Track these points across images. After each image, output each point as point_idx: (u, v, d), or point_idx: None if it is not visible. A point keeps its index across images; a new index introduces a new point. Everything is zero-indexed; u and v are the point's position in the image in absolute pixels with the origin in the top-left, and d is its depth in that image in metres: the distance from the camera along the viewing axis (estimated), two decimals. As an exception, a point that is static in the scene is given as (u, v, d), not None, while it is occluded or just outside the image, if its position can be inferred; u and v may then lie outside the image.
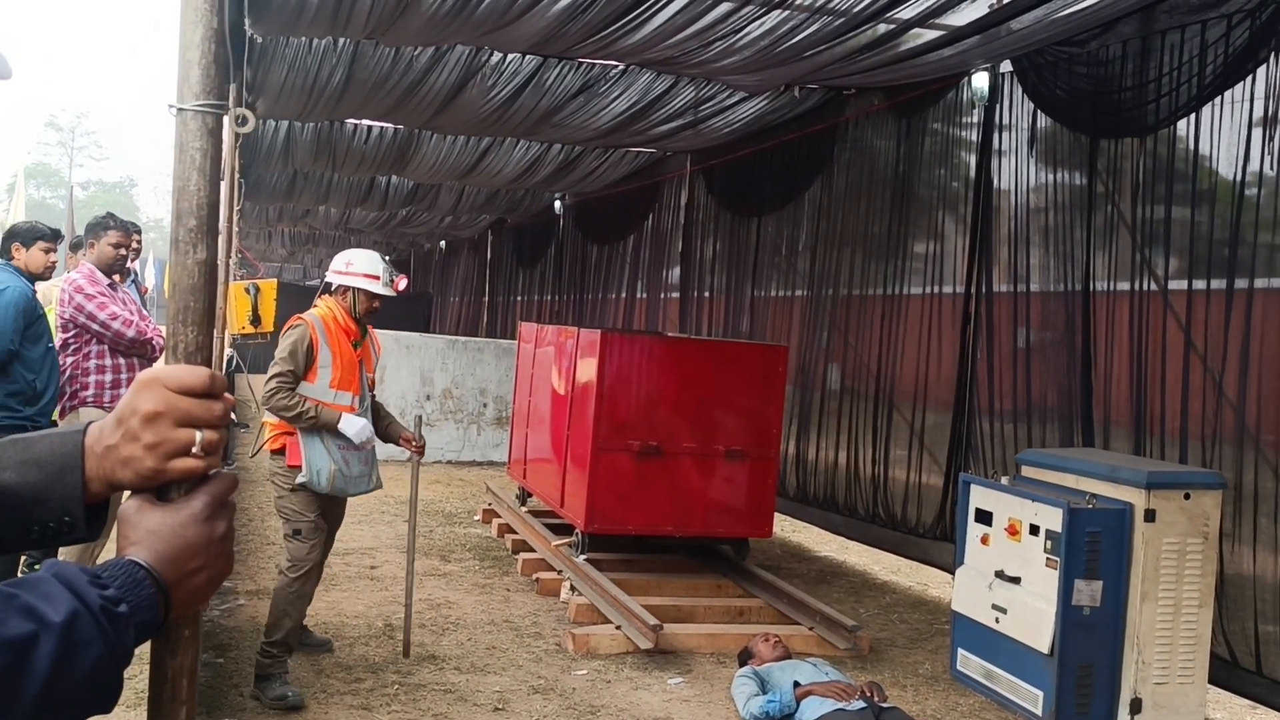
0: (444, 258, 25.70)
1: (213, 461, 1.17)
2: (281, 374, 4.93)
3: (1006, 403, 7.18)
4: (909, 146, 8.23)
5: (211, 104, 1.17)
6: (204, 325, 1.21)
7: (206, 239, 1.20)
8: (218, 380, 1.17)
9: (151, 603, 1.10)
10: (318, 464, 4.96)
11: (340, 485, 5.06)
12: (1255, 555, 5.36)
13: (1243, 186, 5.62)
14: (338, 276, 5.20)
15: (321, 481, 4.96)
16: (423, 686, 5.14)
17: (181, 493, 1.17)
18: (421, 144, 11.86)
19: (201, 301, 1.20)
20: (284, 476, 5.01)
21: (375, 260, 5.20)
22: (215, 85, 1.18)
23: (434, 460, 12.54)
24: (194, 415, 1.15)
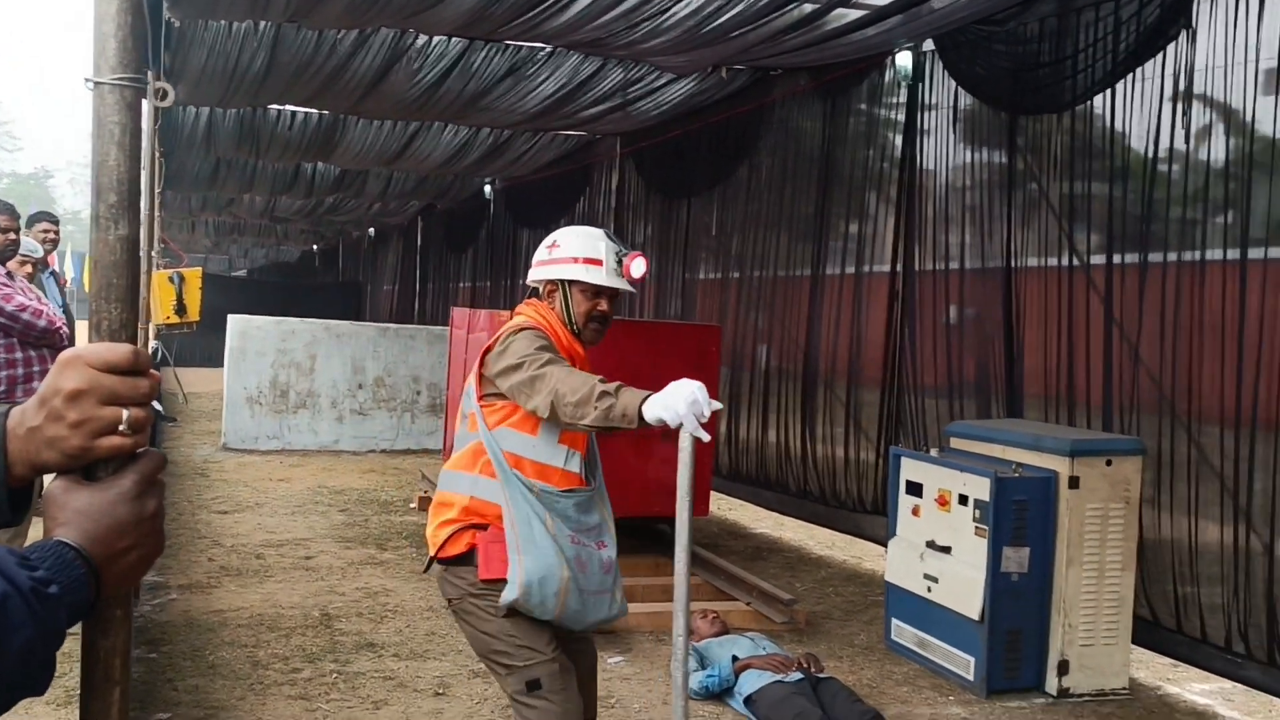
0: (373, 245, 25.42)
1: (140, 439, 1.16)
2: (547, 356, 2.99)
3: (935, 378, 7.31)
4: (835, 127, 8.31)
5: (129, 78, 1.16)
6: (127, 302, 1.20)
7: (128, 214, 1.18)
8: (141, 356, 1.16)
9: (82, 583, 1.09)
10: (539, 569, 2.97)
11: (575, 608, 3.05)
12: (1173, 519, 5.53)
13: (1156, 162, 5.77)
14: (541, 269, 3.32)
15: (547, 600, 2.99)
16: (362, 675, 5.11)
17: (109, 472, 1.16)
18: (347, 129, 11.71)
19: (124, 278, 1.19)
20: (478, 597, 3.06)
21: (595, 239, 3.31)
22: (133, 59, 1.16)
23: (367, 450, 12.43)
24: (119, 393, 1.14)
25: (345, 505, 9.20)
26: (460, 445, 3.16)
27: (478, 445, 3.08)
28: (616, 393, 2.75)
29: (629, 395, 2.75)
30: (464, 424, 3.16)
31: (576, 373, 2.91)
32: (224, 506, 8.89)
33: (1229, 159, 5.54)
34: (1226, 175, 5.51)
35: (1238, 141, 5.52)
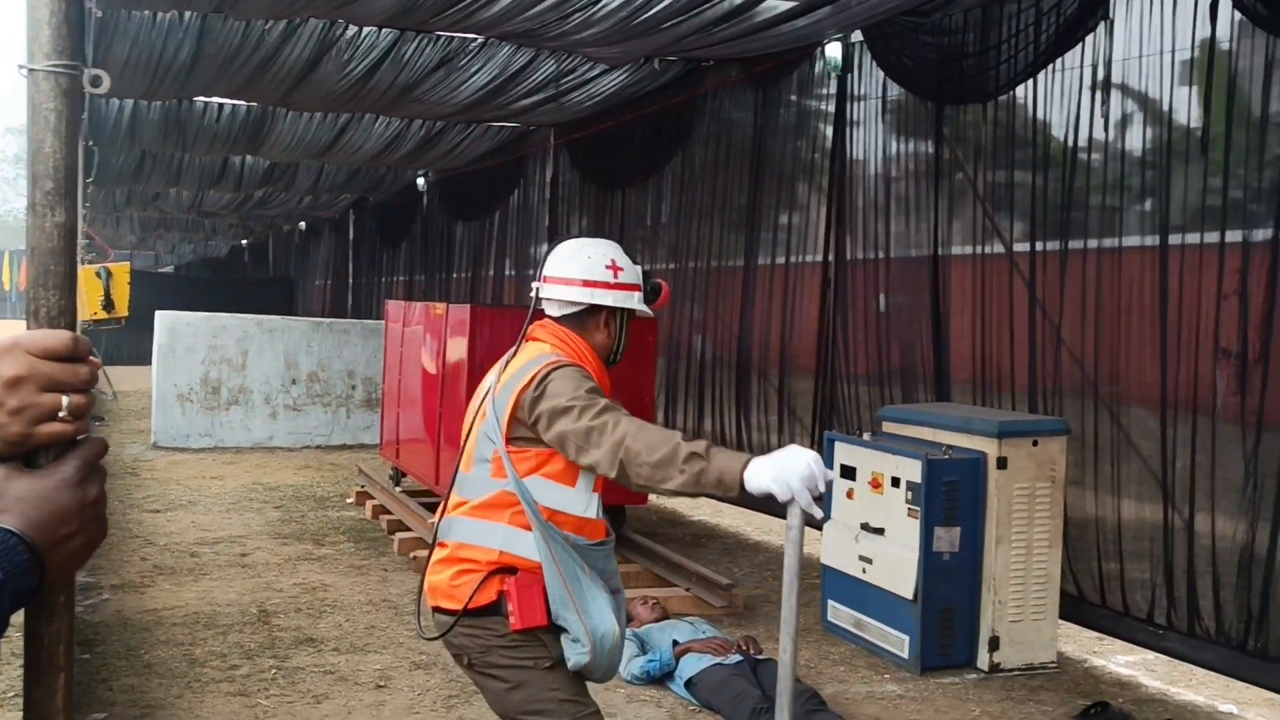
0: (304, 239, 25.09)
1: (81, 426, 1.17)
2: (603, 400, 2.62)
3: (866, 365, 7.43)
4: (766, 117, 8.40)
5: (64, 64, 1.16)
6: (65, 289, 1.20)
7: (65, 201, 1.19)
8: (81, 343, 1.17)
9: (25, 570, 1.09)
10: (600, 627, 2.68)
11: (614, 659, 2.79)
12: (1097, 498, 5.70)
13: (1077, 151, 5.93)
14: (602, 292, 2.85)
15: (608, 659, 2.72)
16: (301, 670, 5.09)
17: (50, 458, 1.16)
18: (276, 122, 11.55)
19: (62, 265, 1.19)
20: (511, 649, 2.69)
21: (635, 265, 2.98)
22: (67, 45, 1.16)
23: (302, 445, 12.30)
24: (59, 379, 1.14)
25: (281, 502, 9.11)
26: (478, 490, 2.73)
27: (506, 495, 2.68)
28: (708, 454, 2.37)
29: (725, 458, 2.37)
30: (481, 466, 2.73)
31: (648, 425, 2.53)
32: (156, 505, 8.75)
33: (1147, 148, 5.71)
34: (1144, 164, 5.67)
35: (1156, 130, 5.69)
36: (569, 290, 2.85)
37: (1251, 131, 5.06)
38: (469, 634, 2.70)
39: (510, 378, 2.73)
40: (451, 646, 2.78)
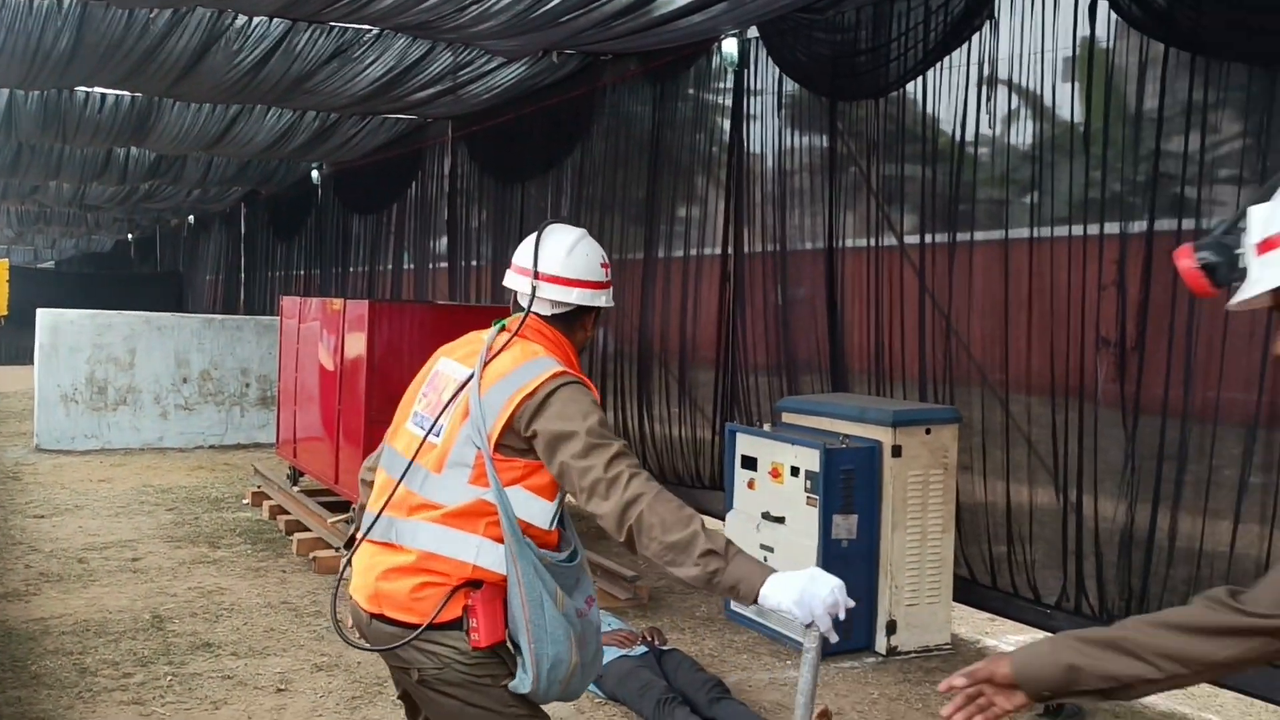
0: (193, 233, 24.42)
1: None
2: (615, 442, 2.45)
3: (765, 356, 7.55)
4: (665, 111, 8.45)
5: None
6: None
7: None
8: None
9: None
10: (550, 655, 2.48)
11: (574, 688, 2.62)
12: (987, 483, 5.89)
13: (964, 145, 6.11)
14: (598, 293, 2.75)
15: (553, 687, 2.52)
16: (198, 675, 4.97)
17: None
18: (163, 113, 11.21)
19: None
20: (472, 665, 2.50)
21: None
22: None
23: (195, 446, 11.98)
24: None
25: (173, 504, 8.86)
26: (452, 496, 2.50)
27: (484, 504, 2.48)
28: (727, 554, 2.27)
29: (744, 566, 2.28)
30: (457, 470, 2.51)
31: (663, 492, 2.37)
32: (40, 510, 8.44)
33: (1030, 143, 5.90)
34: (1029, 158, 5.87)
35: (1038, 126, 5.88)
36: (569, 292, 2.70)
37: (1128, 127, 5.27)
38: (425, 649, 2.48)
39: (501, 378, 2.53)
40: (396, 660, 2.54)
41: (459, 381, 2.61)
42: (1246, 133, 4.85)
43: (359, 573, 2.62)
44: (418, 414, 2.68)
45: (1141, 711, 4.94)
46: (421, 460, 2.57)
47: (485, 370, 2.56)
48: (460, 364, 2.67)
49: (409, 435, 2.67)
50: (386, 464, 2.70)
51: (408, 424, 2.70)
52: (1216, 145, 5.01)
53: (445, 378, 2.68)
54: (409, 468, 2.57)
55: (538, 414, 2.47)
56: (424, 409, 2.67)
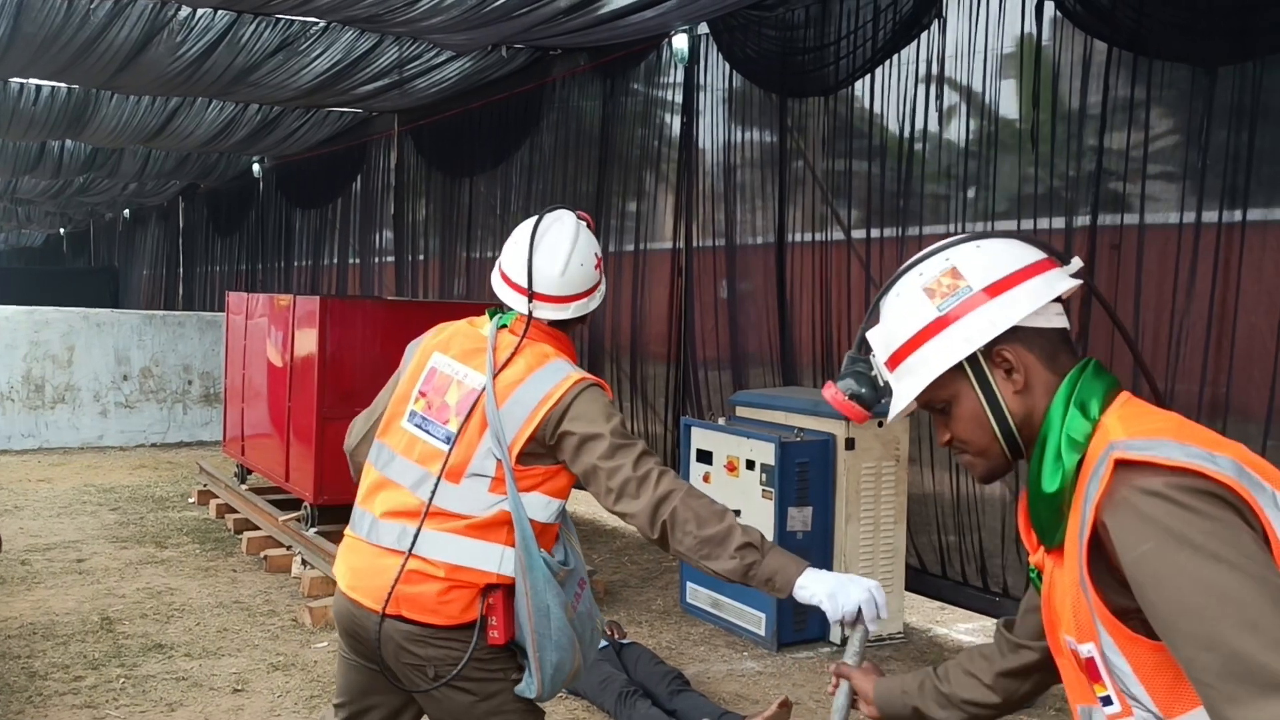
0: (129, 228, 23.92)
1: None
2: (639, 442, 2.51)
3: (716, 350, 7.60)
4: (615, 106, 8.47)
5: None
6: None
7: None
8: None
9: None
10: (555, 660, 2.53)
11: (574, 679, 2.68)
12: (934, 474, 6.00)
13: (912, 141, 6.20)
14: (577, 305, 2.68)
15: (556, 689, 2.59)
16: (152, 677, 4.90)
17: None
18: (100, 105, 10.99)
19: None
20: (487, 661, 2.54)
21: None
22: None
23: (136, 444, 11.78)
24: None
25: (117, 504, 8.71)
26: (474, 506, 2.50)
27: (504, 513, 2.49)
28: (763, 548, 2.31)
29: (780, 558, 2.30)
30: (477, 481, 2.51)
31: (697, 492, 2.41)
32: (-22, 512, 8.26)
33: (973, 138, 6.01)
34: (975, 155, 5.97)
35: (981, 123, 5.99)
36: (565, 309, 2.66)
37: (1070, 123, 5.39)
38: (445, 646, 2.50)
39: (518, 388, 2.52)
40: (414, 659, 2.52)
41: (469, 389, 2.57)
42: (1182, 130, 4.98)
43: (360, 573, 2.58)
44: (416, 414, 2.62)
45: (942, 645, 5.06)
46: (430, 466, 2.54)
47: (497, 380, 2.53)
48: (460, 363, 2.63)
49: (407, 436, 2.62)
50: (380, 463, 2.65)
51: (404, 423, 2.64)
52: (1155, 140, 5.16)
53: (445, 378, 2.63)
54: (423, 477, 2.54)
55: (562, 420, 2.48)
56: (426, 411, 2.61)
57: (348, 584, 2.61)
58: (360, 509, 2.65)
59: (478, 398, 2.54)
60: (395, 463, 2.61)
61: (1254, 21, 4.68)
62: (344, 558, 2.66)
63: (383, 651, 2.53)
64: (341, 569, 2.66)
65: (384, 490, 2.60)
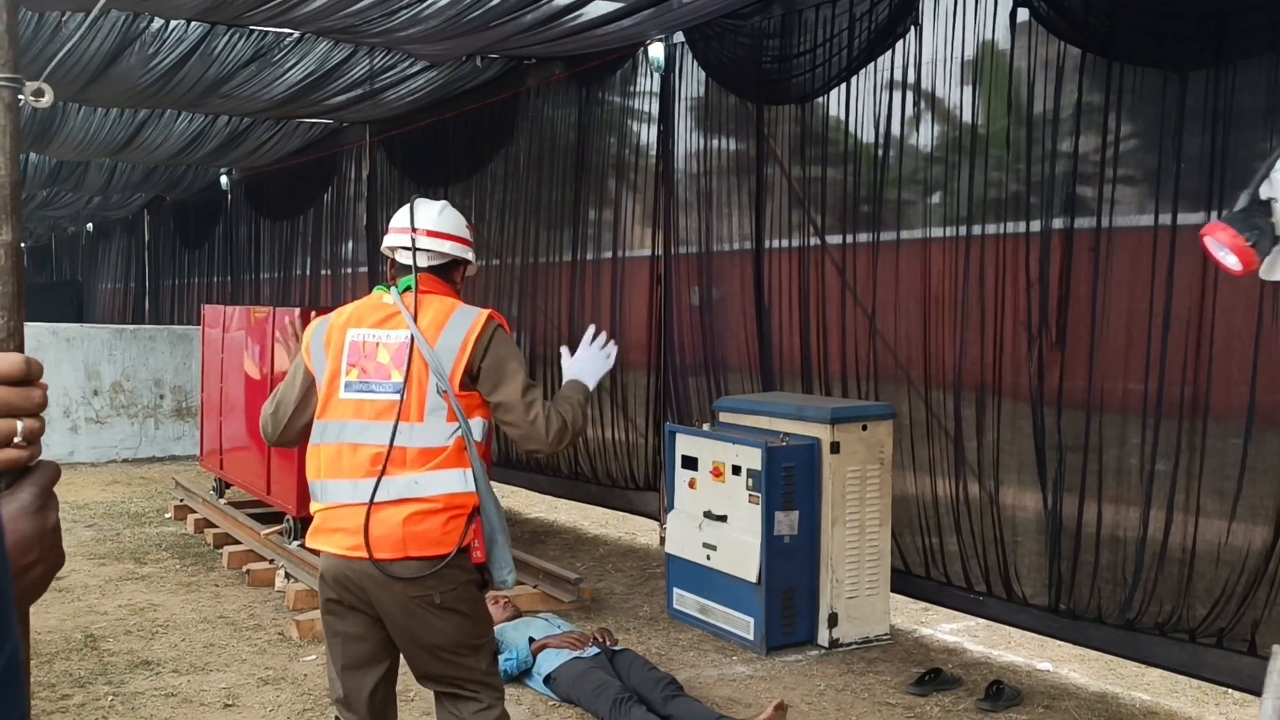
0: (92, 241, 23.64)
1: (35, 450, 1.14)
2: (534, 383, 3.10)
3: (695, 357, 7.63)
4: (591, 115, 8.49)
5: (7, 77, 1.12)
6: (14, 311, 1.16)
7: (10, 219, 1.15)
8: (34, 366, 1.14)
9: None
10: (505, 556, 3.03)
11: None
12: (916, 477, 6.05)
13: (889, 149, 6.27)
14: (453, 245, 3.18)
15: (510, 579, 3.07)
16: (140, 694, 4.86)
17: (5, 486, 1.12)
18: (67, 118, 10.86)
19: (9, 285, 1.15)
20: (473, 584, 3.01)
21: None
22: (9, 58, 1.12)
23: (107, 460, 11.65)
24: (13, 404, 1.11)
25: (92, 520, 8.61)
26: (439, 439, 2.91)
27: (460, 439, 2.93)
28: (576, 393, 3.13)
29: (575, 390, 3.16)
30: (434, 416, 2.92)
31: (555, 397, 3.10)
32: (-50, 531, 8.12)
33: (948, 144, 6.08)
34: (940, 160, 6.05)
35: (950, 130, 6.07)
36: (443, 244, 3.13)
37: (1048, 127, 5.47)
38: (447, 574, 2.89)
39: (444, 329, 2.97)
40: (421, 589, 2.88)
41: (398, 344, 2.97)
42: (1154, 133, 5.07)
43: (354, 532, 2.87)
44: (353, 383, 2.97)
45: (1075, 693, 5.14)
46: (387, 419, 2.91)
47: (418, 325, 2.97)
48: (379, 329, 3.02)
49: (352, 404, 2.96)
50: (330, 436, 2.95)
51: (342, 395, 2.97)
52: (1125, 142, 5.25)
53: (371, 345, 3.00)
54: (384, 429, 2.89)
55: (486, 352, 2.98)
56: (362, 376, 2.97)
57: (344, 547, 2.90)
58: (326, 482, 2.96)
59: (411, 348, 2.96)
60: (348, 428, 2.95)
61: (1224, 26, 4.78)
62: (328, 527, 2.96)
63: (387, 594, 2.88)
64: (330, 539, 2.95)
65: (347, 457, 2.93)
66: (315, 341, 3.07)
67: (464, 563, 2.93)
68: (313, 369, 3.07)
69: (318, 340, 3.07)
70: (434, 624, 2.94)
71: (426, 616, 2.92)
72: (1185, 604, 4.80)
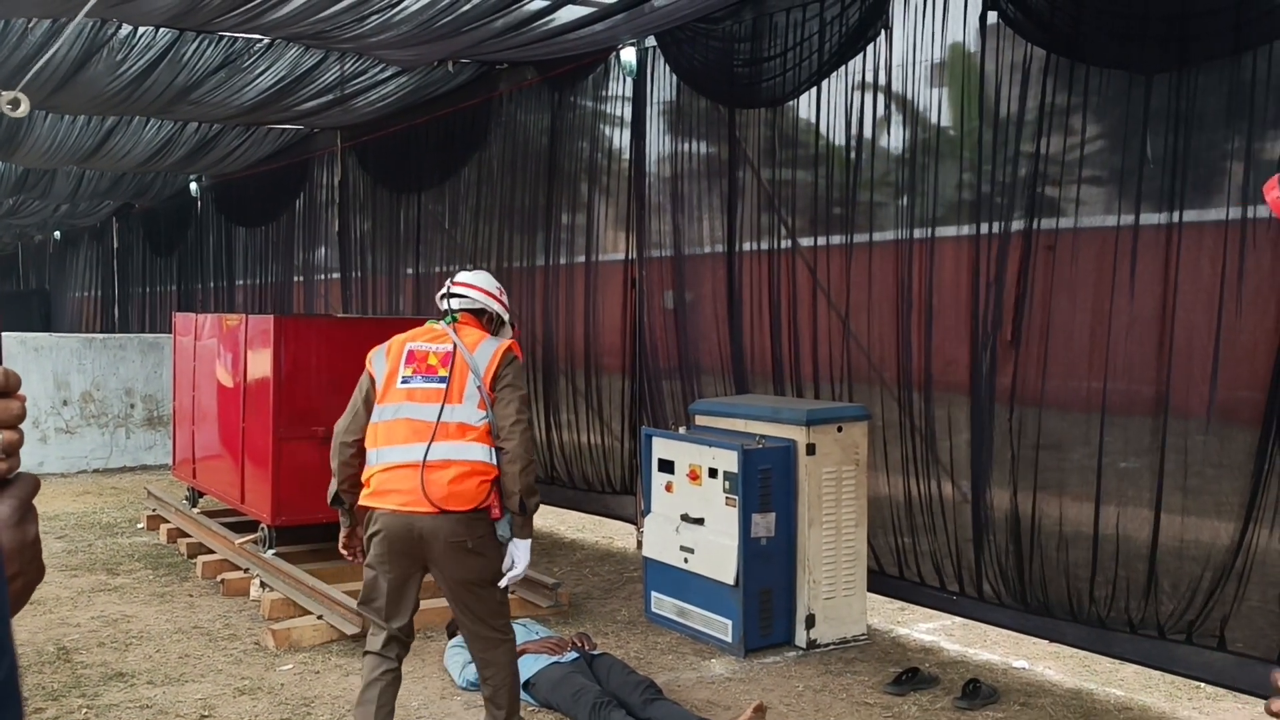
0: (59, 249, 23.40)
1: (13, 463, 1.13)
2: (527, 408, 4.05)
3: (671, 361, 7.65)
4: (563, 119, 8.50)
5: (-17, 91, 1.12)
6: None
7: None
8: (12, 378, 1.13)
9: None
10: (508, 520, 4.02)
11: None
12: (889, 477, 6.08)
13: (860, 151, 6.31)
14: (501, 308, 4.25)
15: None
16: (115, 706, 4.81)
17: (-17, 498, 1.12)
18: (34, 126, 10.76)
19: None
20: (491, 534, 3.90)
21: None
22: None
23: (78, 470, 11.53)
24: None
25: (62, 531, 8.52)
26: (474, 419, 3.86)
27: (488, 424, 3.87)
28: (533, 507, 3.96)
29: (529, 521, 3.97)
30: (470, 402, 3.88)
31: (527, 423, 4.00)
32: (-82, 545, 8.01)
33: (916, 146, 6.12)
34: (908, 161, 6.09)
35: (921, 132, 6.12)
36: (473, 293, 4.18)
37: (1010, 130, 5.52)
38: (475, 524, 3.83)
39: (479, 346, 3.97)
40: (456, 536, 3.79)
41: (444, 352, 3.96)
42: (1118, 134, 5.13)
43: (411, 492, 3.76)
44: (410, 377, 3.93)
45: (1050, 690, 5.18)
46: (435, 401, 3.86)
47: (460, 342, 3.96)
48: (430, 343, 4.00)
49: (406, 390, 3.91)
50: (389, 415, 3.89)
51: (398, 385, 3.93)
52: (1091, 143, 5.31)
53: (423, 352, 3.98)
54: (435, 409, 3.85)
55: (505, 370, 3.94)
56: (416, 371, 3.93)
57: (399, 503, 3.79)
58: (383, 448, 3.87)
59: (454, 355, 3.95)
60: (404, 408, 3.89)
61: (1188, 29, 4.84)
62: (384, 489, 3.83)
63: (433, 539, 3.78)
64: (386, 498, 3.82)
65: (402, 428, 3.85)
66: (377, 356, 4.04)
67: (485, 517, 3.86)
68: (373, 373, 4.03)
69: (379, 355, 4.04)
70: (466, 562, 3.84)
71: (461, 557, 3.82)
72: (1154, 600, 4.85)
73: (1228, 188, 4.72)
